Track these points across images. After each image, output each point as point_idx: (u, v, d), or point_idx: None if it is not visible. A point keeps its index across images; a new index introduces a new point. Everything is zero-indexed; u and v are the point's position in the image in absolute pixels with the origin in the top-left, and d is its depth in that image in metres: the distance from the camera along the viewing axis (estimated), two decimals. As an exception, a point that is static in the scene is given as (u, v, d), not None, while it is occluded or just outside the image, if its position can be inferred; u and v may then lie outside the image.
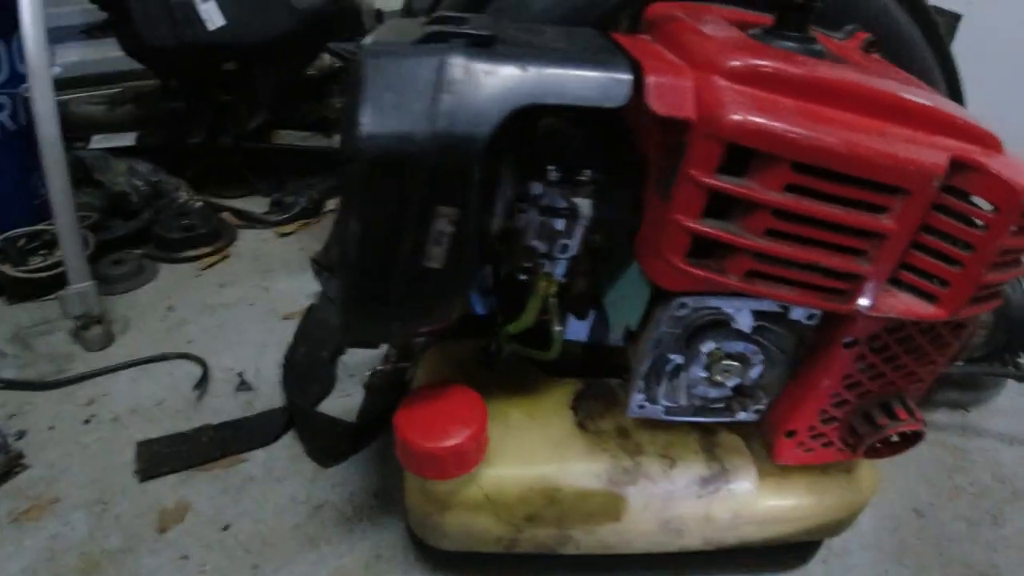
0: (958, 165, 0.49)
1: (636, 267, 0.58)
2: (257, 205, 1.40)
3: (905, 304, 0.53)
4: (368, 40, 0.51)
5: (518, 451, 0.64)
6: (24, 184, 1.11)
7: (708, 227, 0.49)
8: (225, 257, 1.24)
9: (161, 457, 0.83)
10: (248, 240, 1.31)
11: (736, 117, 0.45)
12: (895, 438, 0.64)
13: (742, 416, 0.65)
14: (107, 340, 1.00)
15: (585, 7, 0.62)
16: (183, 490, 0.80)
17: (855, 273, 0.50)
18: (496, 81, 0.47)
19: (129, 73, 1.31)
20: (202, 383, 0.93)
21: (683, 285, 0.53)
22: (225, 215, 1.33)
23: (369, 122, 0.46)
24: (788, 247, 0.49)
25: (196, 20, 1.03)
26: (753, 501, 0.67)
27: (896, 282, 0.54)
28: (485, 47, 0.48)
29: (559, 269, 0.60)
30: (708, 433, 0.69)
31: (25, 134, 0.99)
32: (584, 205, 0.57)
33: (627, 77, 0.48)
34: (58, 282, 0.99)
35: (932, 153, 0.47)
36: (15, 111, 1.10)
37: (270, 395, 0.93)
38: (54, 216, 0.93)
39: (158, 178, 1.23)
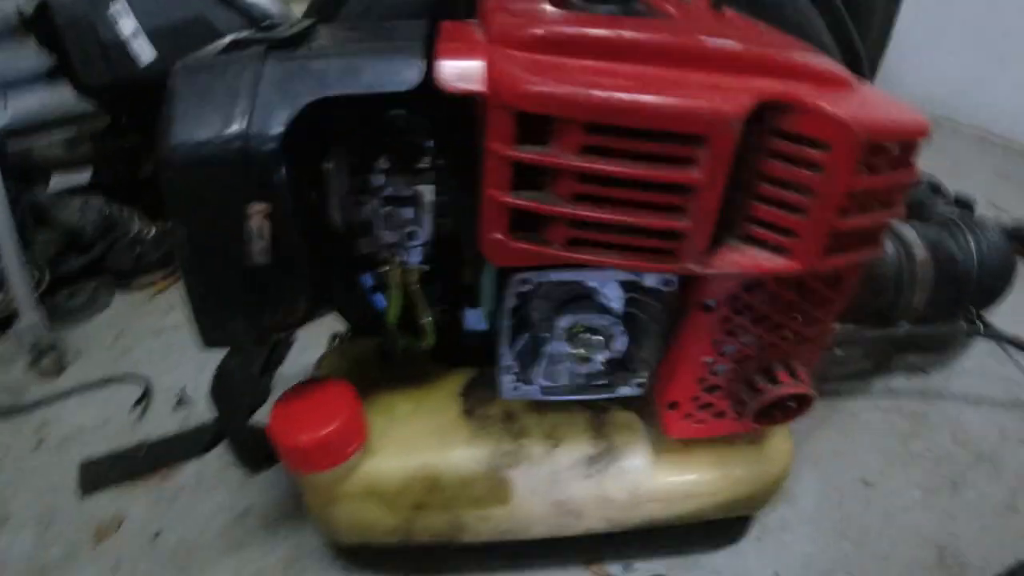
0: (779, 106, 0.47)
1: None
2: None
3: (751, 259, 0.52)
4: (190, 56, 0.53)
5: (401, 441, 0.64)
6: None
7: (520, 199, 0.49)
8: (176, 282, 1.29)
9: (101, 474, 0.87)
10: None
11: (520, 86, 0.45)
12: (791, 403, 0.63)
13: (624, 391, 0.64)
14: (59, 369, 1.05)
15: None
16: (119, 503, 0.84)
17: (674, 230, 0.49)
18: (287, 80, 0.48)
19: (87, 114, 1.37)
20: (141, 402, 0.98)
21: (514, 260, 0.53)
22: None
23: (174, 132, 0.48)
24: (599, 210, 0.48)
25: (128, 56, 1.07)
26: (649, 478, 0.66)
27: (748, 239, 0.53)
28: (282, 50, 0.50)
29: (413, 257, 0.60)
30: (600, 412, 0.68)
31: None
32: (426, 191, 0.57)
33: (417, 61, 0.49)
34: (11, 320, 1.05)
35: (732, 96, 0.46)
36: None
37: (207, 410, 0.97)
38: (0, 256, 0.98)
39: (111, 211, 1.27)
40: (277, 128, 0.47)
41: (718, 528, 0.76)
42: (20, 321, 1.01)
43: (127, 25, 1.02)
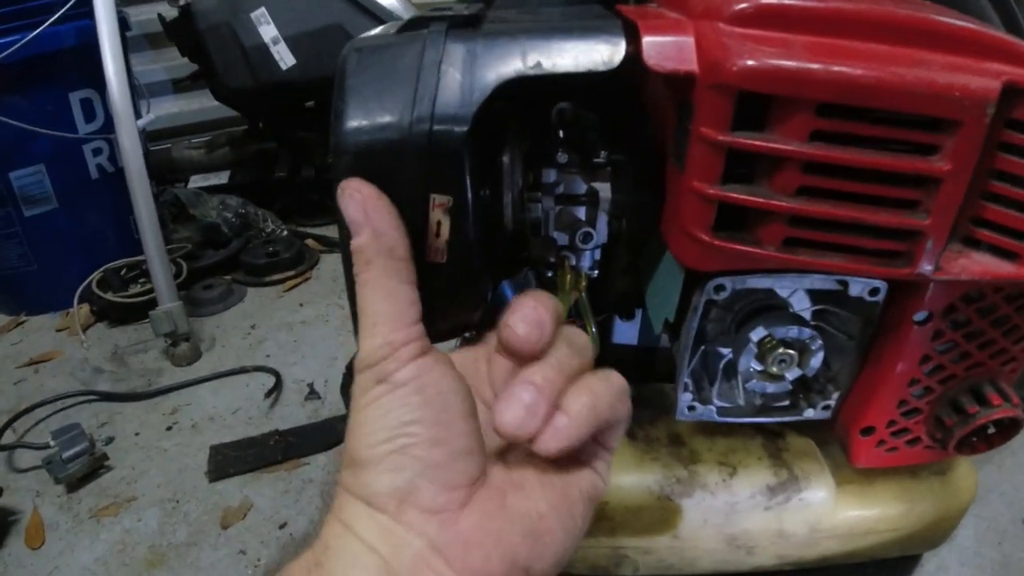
0: (1016, 91, 0.41)
1: (670, 256, 0.53)
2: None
3: (980, 264, 0.46)
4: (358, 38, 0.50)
5: (559, 463, 0.59)
6: (123, 219, 1.23)
7: (731, 192, 0.44)
8: (306, 280, 1.34)
9: (230, 460, 0.89)
10: (329, 264, 1.41)
11: (741, 61, 0.40)
12: (991, 429, 0.55)
13: (810, 414, 0.58)
14: (194, 356, 1.10)
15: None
16: (247, 490, 0.85)
17: (910, 229, 0.43)
18: (477, 59, 0.44)
19: (224, 120, 1.45)
20: (273, 392, 1.00)
21: (715, 263, 0.48)
22: (309, 242, 1.43)
23: (351, 114, 0.44)
24: (826, 205, 0.43)
25: (270, 61, 1.10)
26: (831, 512, 0.59)
27: (970, 242, 0.47)
28: (467, 28, 0.46)
29: (585, 261, 0.55)
30: (775, 437, 0.62)
31: (122, 174, 1.10)
32: (603, 188, 0.53)
33: (619, 38, 0.44)
34: (153, 307, 1.11)
35: (980, 78, 0.40)
36: (112, 154, 1.25)
37: (337, 404, 0.99)
38: (143, 243, 1.05)
39: (247, 211, 1.36)
40: (468, 110, 0.43)
41: (884, 568, 0.68)
42: (158, 308, 1.05)
43: (268, 31, 1.05)
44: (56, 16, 1.03)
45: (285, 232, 1.37)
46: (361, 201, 0.38)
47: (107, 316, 1.21)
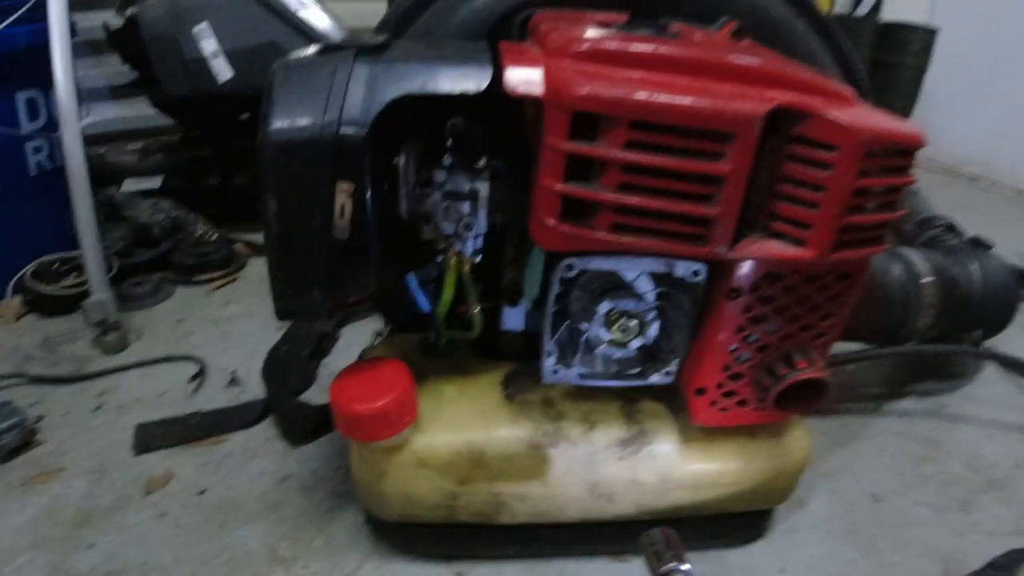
0: (794, 114, 0.55)
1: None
2: (266, 237, 1.57)
3: (770, 248, 0.59)
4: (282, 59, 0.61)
5: (448, 421, 0.70)
6: (59, 216, 1.27)
7: (571, 188, 0.56)
8: (234, 280, 1.42)
9: (155, 436, 0.96)
10: (257, 267, 1.49)
11: (575, 89, 0.53)
12: (808, 392, 0.68)
13: (655, 379, 0.70)
14: (122, 345, 1.16)
15: (479, 21, 0.72)
16: (170, 462, 0.92)
17: (704, 217, 0.56)
18: (377, 79, 0.57)
19: (158, 128, 1.51)
20: (197, 377, 1.07)
21: (562, 244, 0.60)
22: (238, 246, 1.51)
23: (275, 116, 0.56)
24: (641, 198, 0.56)
25: (209, 72, 1.19)
26: (678, 464, 0.71)
27: (767, 233, 0.60)
28: (369, 54, 0.58)
29: (468, 247, 0.67)
30: (631, 401, 0.74)
31: (60, 173, 1.17)
32: (482, 187, 0.65)
33: (488, 68, 0.57)
34: (85, 300, 1.16)
35: (753, 102, 0.53)
36: (52, 153, 1.31)
37: (257, 390, 1.07)
38: (79, 235, 1.10)
39: (178, 214, 1.42)
40: (366, 118, 0.55)
41: (736, 526, 0.79)
42: (90, 298, 1.12)
43: (208, 45, 1.14)
44: (13, 18, 1.09)
45: (215, 236, 1.44)
46: None
47: (39, 307, 1.26)
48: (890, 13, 1.90)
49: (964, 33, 1.88)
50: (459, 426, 0.70)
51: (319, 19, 1.21)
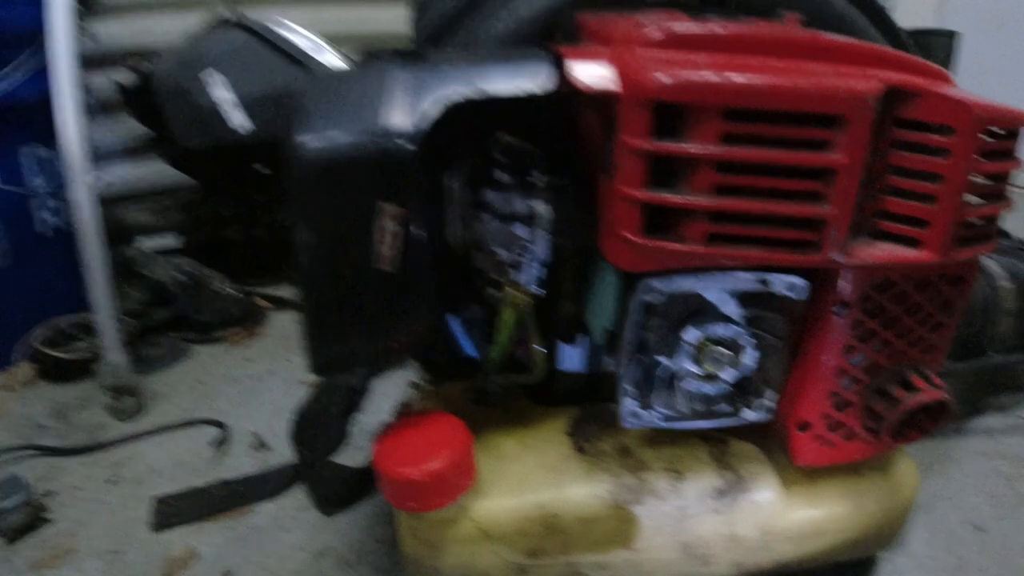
0: (900, 93, 0.48)
1: (607, 265, 0.57)
2: (288, 291, 1.52)
3: (885, 252, 0.51)
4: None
5: (512, 480, 0.60)
6: (72, 278, 1.20)
7: (658, 194, 0.48)
8: (256, 336, 1.36)
9: (175, 510, 0.87)
10: (278, 321, 1.43)
11: (658, 77, 0.46)
12: (921, 416, 0.59)
13: (749, 415, 0.60)
14: (138, 411, 1.09)
15: (526, 29, 0.65)
16: (191, 539, 0.83)
17: (816, 218, 0.48)
18: (424, 84, 0.49)
19: (175, 187, 1.48)
20: (220, 443, 0.99)
21: (645, 263, 0.51)
22: (258, 301, 1.46)
23: (307, 129, 0.48)
24: (740, 201, 0.47)
25: (225, 123, 1.13)
26: (781, 513, 0.61)
27: (877, 235, 0.52)
28: (411, 60, 0.51)
29: (527, 276, 0.58)
30: (720, 444, 0.64)
31: (72, 232, 1.11)
32: (541, 207, 0.57)
33: (548, 64, 0.50)
34: (97, 364, 1.11)
35: (863, 81, 0.46)
36: (63, 212, 1.24)
37: (285, 453, 0.97)
38: (91, 297, 1.04)
39: (196, 270, 1.35)
40: (419, 127, 0.47)
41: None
42: (103, 362, 1.05)
43: (224, 95, 1.09)
44: (9, 67, 1.05)
45: (234, 291, 1.38)
46: None
47: (50, 373, 1.20)
48: (902, 20, 1.90)
49: (974, 35, 1.88)
50: (526, 487, 0.60)
51: (337, 63, 1.16)
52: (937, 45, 1.61)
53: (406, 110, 0.48)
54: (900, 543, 0.77)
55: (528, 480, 0.60)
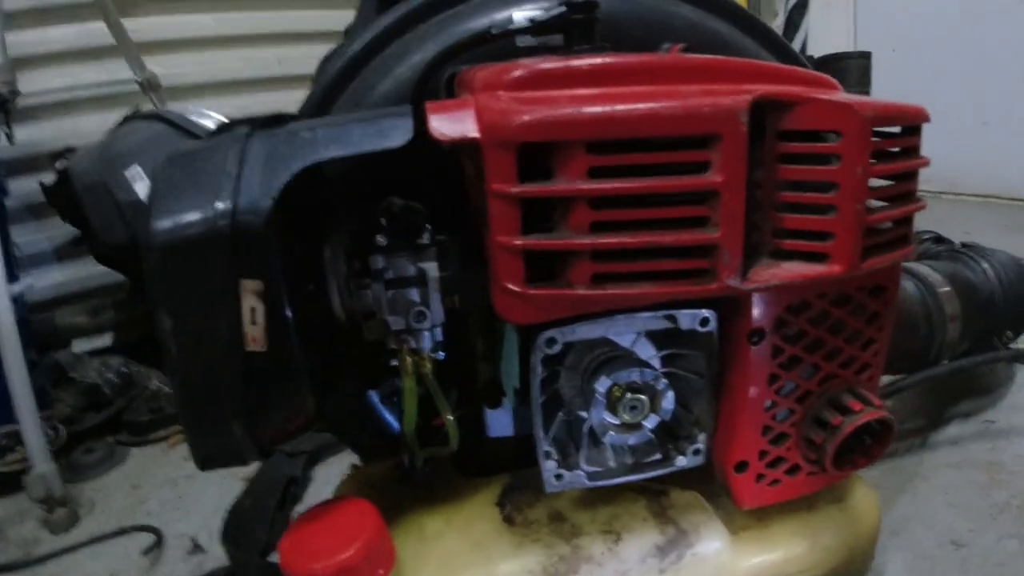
0: (776, 104, 0.46)
1: (504, 322, 0.54)
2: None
3: (790, 271, 0.48)
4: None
5: (435, 563, 0.55)
6: (3, 387, 1.14)
7: (533, 240, 0.45)
8: None
9: None
10: None
11: (516, 118, 0.43)
12: (867, 440, 0.55)
13: (683, 462, 0.56)
14: (71, 522, 1.03)
15: (404, 88, 0.63)
16: None
17: (705, 243, 0.45)
18: (274, 152, 0.46)
19: (108, 287, 1.45)
20: (153, 549, 0.94)
21: (535, 314, 0.48)
22: None
23: (156, 215, 0.45)
24: (621, 236, 0.45)
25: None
26: (731, 562, 0.57)
27: (779, 254, 0.49)
28: (267, 128, 0.49)
29: (425, 342, 0.55)
30: (659, 496, 0.60)
31: None
32: (431, 268, 0.53)
33: (406, 120, 0.47)
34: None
35: (731, 96, 0.44)
36: None
37: (220, 555, 0.92)
38: (15, 408, 1.00)
39: (129, 370, 1.32)
40: (266, 201, 0.44)
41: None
42: (32, 473, 1.01)
43: (142, 187, 1.07)
44: None
45: (169, 389, 1.33)
46: None
47: None
48: (818, 48, 1.98)
49: (889, 55, 1.97)
50: (450, 568, 0.55)
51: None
52: (853, 67, 1.64)
53: (256, 182, 0.45)
54: (875, 571, 0.72)
55: (453, 561, 0.55)
